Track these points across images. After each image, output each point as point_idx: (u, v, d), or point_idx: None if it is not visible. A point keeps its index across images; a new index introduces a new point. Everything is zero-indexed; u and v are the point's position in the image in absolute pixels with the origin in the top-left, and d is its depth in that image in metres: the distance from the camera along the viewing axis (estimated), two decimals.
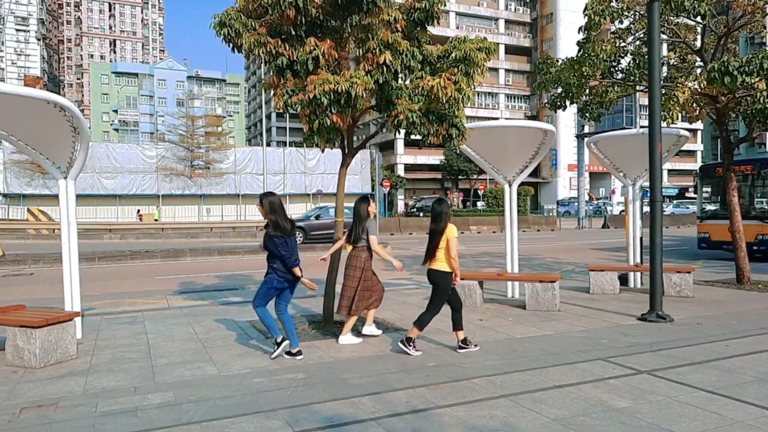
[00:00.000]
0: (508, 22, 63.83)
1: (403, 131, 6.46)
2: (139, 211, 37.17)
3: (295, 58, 5.82)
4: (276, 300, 5.52)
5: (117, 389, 4.51)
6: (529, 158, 8.70)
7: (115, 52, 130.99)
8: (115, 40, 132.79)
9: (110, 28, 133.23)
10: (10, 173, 34.46)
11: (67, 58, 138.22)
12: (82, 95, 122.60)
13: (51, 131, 6.00)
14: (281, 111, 5.83)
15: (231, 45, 6.19)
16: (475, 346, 5.70)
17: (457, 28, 58.33)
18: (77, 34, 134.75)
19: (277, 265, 5.37)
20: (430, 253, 5.61)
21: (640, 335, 6.26)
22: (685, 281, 8.86)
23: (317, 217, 23.68)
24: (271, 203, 5.40)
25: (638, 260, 9.84)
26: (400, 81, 6.50)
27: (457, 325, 5.71)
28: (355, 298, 6.08)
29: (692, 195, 54.49)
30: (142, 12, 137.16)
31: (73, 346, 5.51)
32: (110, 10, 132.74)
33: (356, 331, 6.32)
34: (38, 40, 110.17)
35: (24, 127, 6.02)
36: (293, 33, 5.86)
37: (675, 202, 51.06)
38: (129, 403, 4.17)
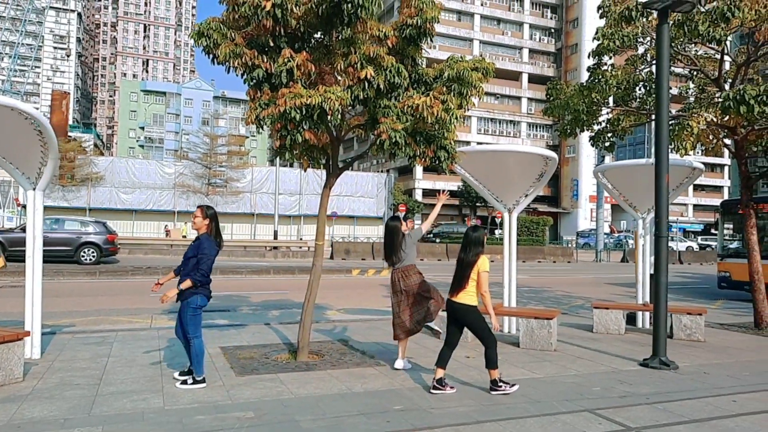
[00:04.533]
0: (532, 51, 63.70)
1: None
2: (166, 226, 37.32)
3: (272, 70, 5.51)
4: (181, 322, 5.14)
5: (45, 420, 4.13)
6: (530, 186, 8.23)
7: (147, 72, 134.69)
8: (148, 60, 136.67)
9: (144, 48, 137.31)
10: None
11: (101, 76, 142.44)
12: (114, 112, 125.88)
13: (19, 140, 5.77)
14: (254, 126, 5.51)
15: (211, 56, 5.94)
16: (452, 388, 5.19)
17: (480, 56, 58.17)
18: (112, 53, 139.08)
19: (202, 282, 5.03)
20: (457, 285, 5.17)
21: (638, 384, 5.68)
22: (696, 324, 8.22)
23: (24, 230, 19.95)
24: (216, 216, 5.15)
25: (647, 299, 9.21)
26: (391, 100, 6.16)
27: (441, 361, 5.23)
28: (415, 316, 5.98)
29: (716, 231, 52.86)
30: (175, 33, 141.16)
31: (19, 368, 5.16)
32: (145, 31, 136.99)
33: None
34: (67, 56, 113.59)
35: None
36: (272, 44, 5.57)
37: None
38: None
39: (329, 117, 5.21)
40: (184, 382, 5.12)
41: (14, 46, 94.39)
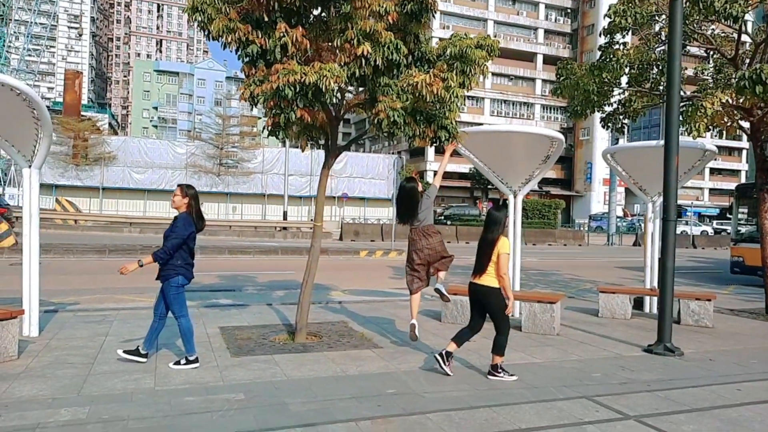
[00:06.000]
0: (547, 32, 62.51)
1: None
2: None
3: (267, 46, 5.37)
4: (163, 303, 5.09)
5: (33, 400, 4.11)
6: (536, 168, 8.04)
7: (161, 52, 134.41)
8: (161, 40, 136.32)
9: (158, 28, 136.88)
10: (45, 164, 35.28)
11: (116, 56, 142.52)
12: (128, 92, 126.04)
13: (13, 117, 5.71)
14: (249, 103, 5.38)
15: (206, 32, 5.79)
16: (451, 371, 5.11)
17: (495, 36, 57.27)
18: (126, 33, 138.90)
19: (181, 261, 4.95)
20: (479, 267, 5.09)
21: (641, 370, 5.55)
22: (705, 309, 8.03)
23: None
24: (197, 195, 5.07)
25: (655, 283, 9.01)
26: (392, 78, 6.00)
27: (458, 338, 5.19)
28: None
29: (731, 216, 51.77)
30: None
31: (13, 345, 5.16)
32: (158, 11, 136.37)
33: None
34: (80, 35, 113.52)
35: None
36: (267, 19, 5.41)
37: None
38: (34, 418, 3.75)
39: (325, 95, 5.06)
40: (177, 363, 5.09)
41: (28, 25, 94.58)
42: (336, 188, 41.21)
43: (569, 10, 63.18)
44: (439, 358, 5.12)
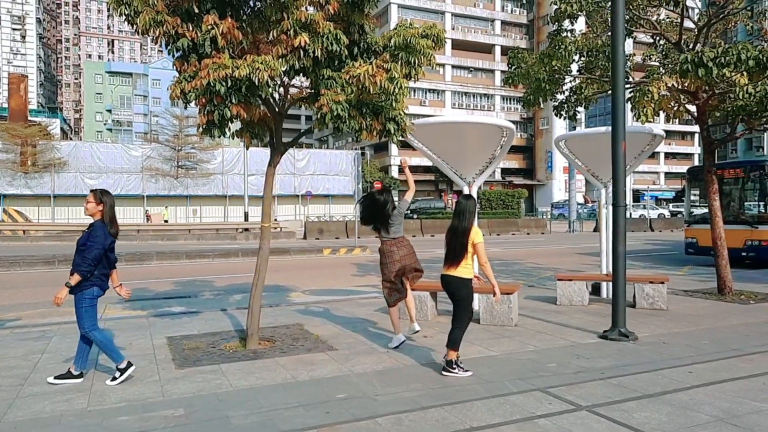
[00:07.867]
0: (504, 23, 63.06)
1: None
2: (147, 211, 36.42)
3: (198, 40, 5.09)
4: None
5: None
6: (490, 158, 7.96)
7: (113, 52, 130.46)
8: (113, 40, 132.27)
9: (108, 28, 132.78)
10: None
11: (65, 58, 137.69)
12: (80, 95, 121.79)
13: None
14: (181, 101, 5.10)
15: (134, 26, 5.47)
16: (465, 370, 4.97)
17: (453, 29, 57.71)
18: (75, 34, 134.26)
19: (98, 272, 4.69)
20: (453, 257, 4.94)
21: (595, 357, 5.52)
22: (659, 292, 8.12)
23: None
24: (112, 200, 4.79)
25: (611, 269, 9.09)
26: (337, 70, 5.79)
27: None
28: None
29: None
30: None
31: None
32: (109, 10, 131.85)
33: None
34: (23, 38, 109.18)
35: None
36: (197, 11, 5.13)
37: None
38: None
39: (260, 89, 4.82)
40: (113, 378, 4.79)
41: None
42: (300, 186, 40.80)
43: (525, 1, 63.89)
44: (446, 373, 4.92)
